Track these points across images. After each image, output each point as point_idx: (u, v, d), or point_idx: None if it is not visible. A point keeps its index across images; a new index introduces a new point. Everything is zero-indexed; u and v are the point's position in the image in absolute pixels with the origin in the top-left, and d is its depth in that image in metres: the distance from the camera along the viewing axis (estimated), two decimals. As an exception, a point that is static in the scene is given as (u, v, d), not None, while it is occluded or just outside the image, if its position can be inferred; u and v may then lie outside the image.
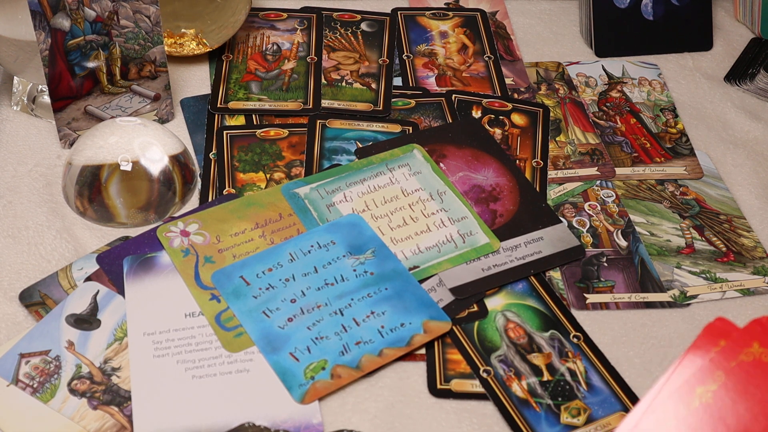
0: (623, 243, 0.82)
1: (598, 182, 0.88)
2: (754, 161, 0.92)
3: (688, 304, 0.78)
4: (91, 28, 0.82)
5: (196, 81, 0.95)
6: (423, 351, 0.72)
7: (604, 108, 0.96)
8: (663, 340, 0.75)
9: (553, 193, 0.87)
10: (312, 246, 0.77)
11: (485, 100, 0.94)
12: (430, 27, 1.04)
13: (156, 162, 0.80)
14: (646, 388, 0.72)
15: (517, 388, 0.70)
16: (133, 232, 0.79)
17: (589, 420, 0.69)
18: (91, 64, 0.84)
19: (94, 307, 0.72)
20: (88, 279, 0.74)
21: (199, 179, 0.85)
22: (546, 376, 0.71)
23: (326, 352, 0.70)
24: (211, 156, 0.86)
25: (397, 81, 0.97)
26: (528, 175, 0.87)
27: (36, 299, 0.73)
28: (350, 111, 0.92)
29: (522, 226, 0.81)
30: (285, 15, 1.03)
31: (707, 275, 0.80)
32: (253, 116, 0.91)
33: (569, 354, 0.73)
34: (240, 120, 0.90)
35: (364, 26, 1.03)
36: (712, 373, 0.54)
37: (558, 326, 0.75)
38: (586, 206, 0.85)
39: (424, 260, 0.77)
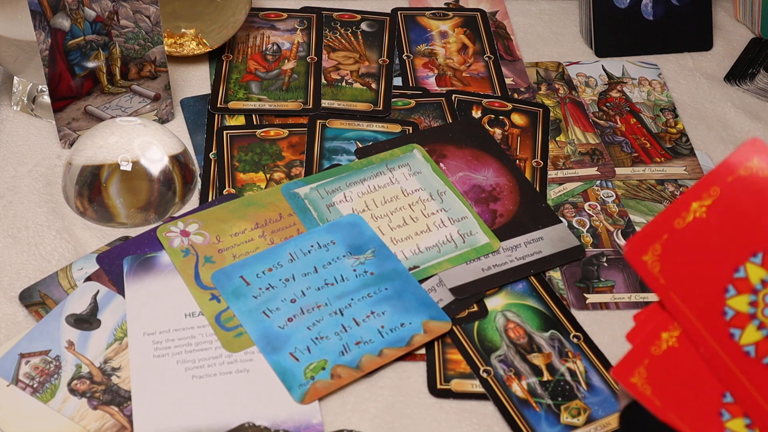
0: (623, 243, 0.82)
1: (598, 182, 0.88)
2: (754, 161, 0.92)
3: (688, 304, 0.78)
4: (91, 28, 0.82)
5: (196, 81, 0.95)
6: (423, 351, 0.72)
7: (604, 108, 0.96)
8: (663, 340, 0.75)
9: (553, 193, 0.87)
10: (312, 246, 0.77)
11: (485, 100, 0.94)
12: (430, 27, 1.04)
13: (156, 162, 0.80)
14: (646, 388, 0.72)
15: (517, 388, 0.70)
16: (133, 232, 0.79)
17: (589, 420, 0.69)
18: (91, 64, 0.84)
19: (94, 307, 0.72)
20: (88, 279, 0.74)
21: (199, 179, 0.85)
22: (546, 376, 0.71)
23: (326, 352, 0.70)
24: (211, 156, 0.86)
25: (397, 81, 0.97)
26: (528, 175, 0.87)
27: (36, 299, 0.73)
28: (350, 111, 0.92)
29: (522, 226, 0.81)
30: (285, 15, 1.03)
31: (707, 275, 0.80)
32: (253, 116, 0.91)
33: (569, 354, 0.73)
34: (240, 120, 0.90)
35: (364, 26, 1.03)
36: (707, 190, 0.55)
37: (558, 326, 0.75)
38: (586, 206, 0.85)
39: (424, 260, 0.77)
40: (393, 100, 0.94)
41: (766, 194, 0.53)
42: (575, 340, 0.74)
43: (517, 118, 0.93)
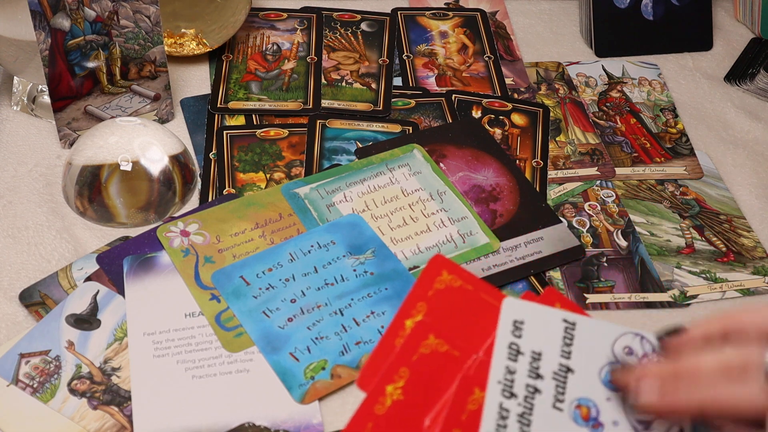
0: (623, 243, 0.82)
1: (598, 182, 0.88)
2: (754, 161, 0.92)
3: (688, 304, 0.78)
4: (91, 28, 0.82)
5: (196, 81, 0.95)
6: (423, 351, 0.72)
7: (604, 108, 0.96)
8: (663, 340, 0.75)
9: (553, 193, 0.86)
10: (312, 246, 0.77)
11: (485, 100, 0.94)
12: (430, 27, 1.04)
13: (156, 162, 0.80)
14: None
15: (517, 388, 0.70)
16: (133, 232, 0.79)
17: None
18: (91, 64, 0.84)
19: (94, 307, 0.72)
20: (88, 279, 0.74)
21: (199, 179, 0.85)
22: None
23: (326, 352, 0.70)
24: (211, 156, 0.86)
25: (397, 81, 0.97)
26: (528, 175, 0.87)
27: (36, 299, 0.73)
28: (350, 111, 0.92)
29: (522, 226, 0.81)
30: (285, 15, 1.03)
31: (707, 275, 0.80)
32: (253, 116, 0.91)
33: (569, 354, 0.73)
34: (240, 120, 0.90)
35: (364, 26, 1.03)
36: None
37: (558, 326, 0.74)
38: (586, 206, 0.85)
39: (424, 260, 0.77)
40: (393, 100, 0.94)
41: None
42: (575, 340, 0.74)
43: (517, 118, 0.93)
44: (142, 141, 0.80)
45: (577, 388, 0.56)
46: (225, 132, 0.88)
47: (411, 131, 0.90)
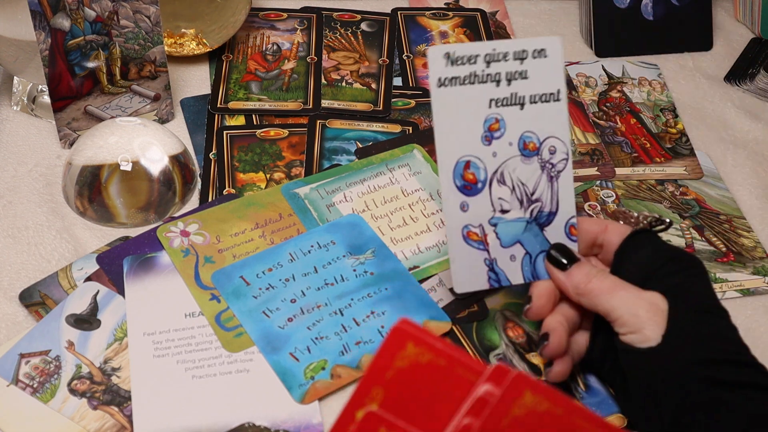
0: (623, 243, 0.82)
1: (598, 182, 0.88)
2: (754, 161, 0.92)
3: (688, 304, 0.78)
4: (91, 28, 0.82)
5: (196, 81, 0.95)
6: (423, 351, 0.72)
7: (604, 108, 0.96)
8: (663, 340, 0.75)
9: (553, 193, 0.86)
10: (312, 246, 0.77)
11: (485, 100, 0.94)
12: (430, 27, 1.04)
13: (156, 162, 0.80)
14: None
15: (517, 388, 0.70)
16: (133, 232, 0.79)
17: (589, 420, 0.69)
18: (91, 64, 0.84)
19: (94, 307, 0.72)
20: (88, 279, 0.74)
21: (199, 179, 0.85)
22: (545, 376, 0.71)
23: (326, 352, 0.70)
24: (211, 156, 0.86)
25: (397, 81, 0.97)
26: (528, 175, 0.87)
27: (36, 299, 0.73)
28: (350, 111, 0.92)
29: (522, 226, 0.81)
30: (285, 15, 1.03)
31: (707, 275, 0.80)
32: (253, 116, 0.91)
33: (569, 354, 0.73)
34: (240, 120, 0.90)
35: (364, 26, 1.03)
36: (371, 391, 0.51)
37: (558, 326, 0.74)
38: (586, 206, 0.85)
39: (424, 260, 0.77)
40: (393, 100, 0.94)
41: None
42: (575, 340, 0.74)
43: (517, 118, 0.93)
44: (142, 141, 0.80)
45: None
46: (225, 132, 0.88)
47: (411, 131, 0.90)
